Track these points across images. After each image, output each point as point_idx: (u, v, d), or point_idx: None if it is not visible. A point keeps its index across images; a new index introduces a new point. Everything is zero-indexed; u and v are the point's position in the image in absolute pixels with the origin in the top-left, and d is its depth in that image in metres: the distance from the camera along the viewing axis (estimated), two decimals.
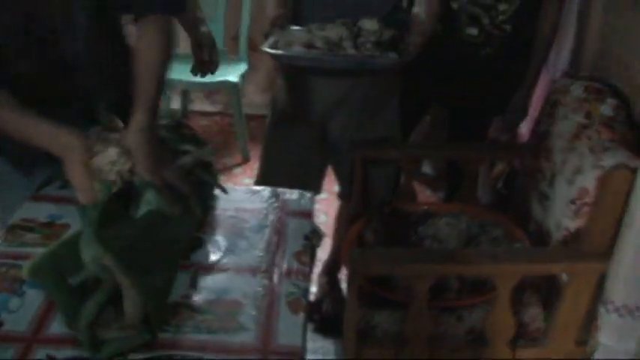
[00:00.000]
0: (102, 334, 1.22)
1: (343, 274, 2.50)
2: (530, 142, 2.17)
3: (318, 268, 2.04)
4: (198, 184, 1.58)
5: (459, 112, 2.46)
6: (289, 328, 1.31)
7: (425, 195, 3.24)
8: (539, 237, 1.99)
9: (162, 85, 1.53)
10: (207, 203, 1.64)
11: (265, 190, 1.78)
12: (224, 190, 1.67)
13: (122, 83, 1.56)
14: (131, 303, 1.23)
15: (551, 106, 2.08)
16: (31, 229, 1.55)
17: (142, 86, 1.50)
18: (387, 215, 2.10)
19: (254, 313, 1.33)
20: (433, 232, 1.96)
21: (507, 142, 2.55)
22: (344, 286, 2.46)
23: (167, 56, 1.57)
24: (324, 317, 2.42)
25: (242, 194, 1.76)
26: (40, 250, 1.47)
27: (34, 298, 1.34)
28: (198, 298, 1.37)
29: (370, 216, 2.11)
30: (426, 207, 2.20)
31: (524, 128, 2.55)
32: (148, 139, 1.45)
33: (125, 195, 1.43)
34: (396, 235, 1.98)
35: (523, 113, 2.36)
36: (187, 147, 1.62)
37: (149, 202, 1.41)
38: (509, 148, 2.38)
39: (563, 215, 1.82)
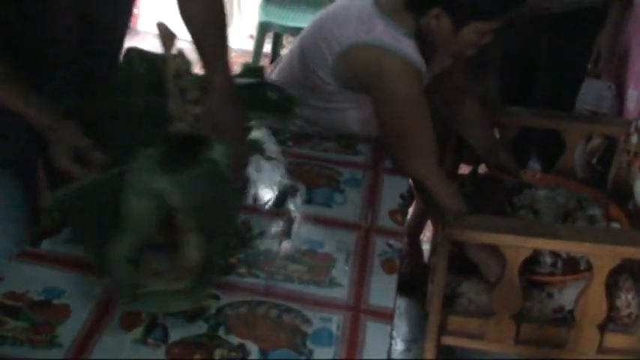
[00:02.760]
0: (147, 282, 1.13)
1: (425, 236, 2.45)
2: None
3: None
4: None
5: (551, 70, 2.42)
6: (382, 288, 1.28)
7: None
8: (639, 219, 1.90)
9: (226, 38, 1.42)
10: None
11: (360, 145, 1.73)
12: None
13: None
14: (192, 248, 1.13)
15: None
16: None
17: (209, 44, 1.38)
18: (480, 180, 2.03)
19: (347, 269, 1.31)
20: (529, 203, 1.88)
21: (614, 116, 2.43)
22: (425, 247, 2.42)
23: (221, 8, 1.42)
24: (403, 278, 2.38)
25: (336, 146, 1.72)
26: None
27: None
28: (291, 247, 1.35)
29: (462, 179, 2.04)
30: (521, 176, 2.12)
31: (632, 104, 2.43)
32: (232, 100, 1.36)
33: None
34: (488, 202, 1.91)
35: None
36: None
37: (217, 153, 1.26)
38: (616, 123, 2.26)
39: None
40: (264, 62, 3.64)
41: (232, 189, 1.31)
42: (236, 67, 1.51)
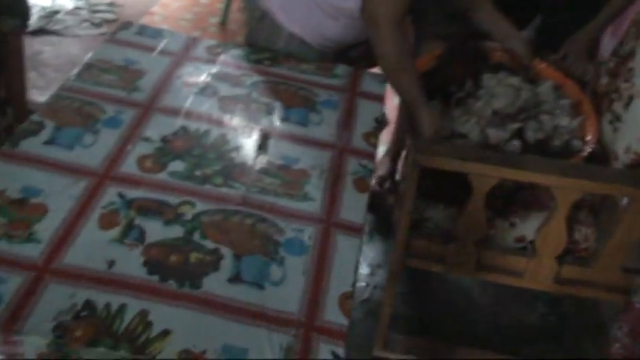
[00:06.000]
0: None
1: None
2: (611, 61, 2.09)
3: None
4: None
5: None
6: (353, 204, 1.32)
7: None
8: (604, 157, 1.95)
9: None
10: None
11: (339, 68, 1.75)
12: None
13: None
14: None
15: (638, 26, 1.99)
16: (106, 70, 1.56)
17: None
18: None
19: (320, 184, 1.34)
20: (493, 85, 1.84)
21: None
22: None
23: None
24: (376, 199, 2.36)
25: (314, 68, 1.73)
26: (115, 92, 1.48)
27: (108, 136, 1.36)
28: (266, 162, 1.37)
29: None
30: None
31: (607, 52, 2.45)
32: None
33: None
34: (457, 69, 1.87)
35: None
36: None
37: None
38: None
39: (634, 139, 1.77)
40: None
41: None
42: None
